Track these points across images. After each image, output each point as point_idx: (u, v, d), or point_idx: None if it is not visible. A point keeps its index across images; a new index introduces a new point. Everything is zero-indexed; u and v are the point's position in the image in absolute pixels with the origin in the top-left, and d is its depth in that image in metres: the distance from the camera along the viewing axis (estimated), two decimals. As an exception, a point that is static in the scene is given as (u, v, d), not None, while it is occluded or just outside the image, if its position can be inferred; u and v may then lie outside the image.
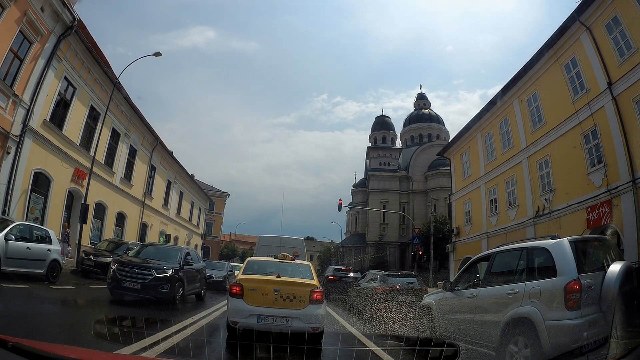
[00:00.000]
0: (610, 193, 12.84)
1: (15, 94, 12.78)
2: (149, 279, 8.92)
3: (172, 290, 9.22)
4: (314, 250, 67.91)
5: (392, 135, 59.32)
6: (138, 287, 8.83)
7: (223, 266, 19.18)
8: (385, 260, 47.45)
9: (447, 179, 30.18)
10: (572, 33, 14.90)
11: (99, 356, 2.20)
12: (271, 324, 5.53)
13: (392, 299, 10.70)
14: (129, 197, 23.08)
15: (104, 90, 18.40)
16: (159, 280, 8.99)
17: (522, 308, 4.64)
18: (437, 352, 4.09)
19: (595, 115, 13.68)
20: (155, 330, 5.36)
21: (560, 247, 4.67)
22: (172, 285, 9.23)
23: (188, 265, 10.35)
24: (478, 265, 6.43)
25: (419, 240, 27.43)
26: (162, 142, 27.07)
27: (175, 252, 10.61)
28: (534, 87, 17.82)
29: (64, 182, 16.23)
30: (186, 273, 10.09)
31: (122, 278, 8.89)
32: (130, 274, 8.95)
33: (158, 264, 9.45)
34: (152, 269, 9.12)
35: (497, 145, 21.22)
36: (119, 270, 9.04)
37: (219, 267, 18.49)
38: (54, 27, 14.09)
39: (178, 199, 33.25)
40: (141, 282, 8.84)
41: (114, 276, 9.01)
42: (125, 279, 8.89)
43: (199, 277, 11.60)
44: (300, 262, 7.21)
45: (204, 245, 46.24)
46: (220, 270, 17.73)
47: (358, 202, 60.16)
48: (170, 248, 11.97)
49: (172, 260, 9.96)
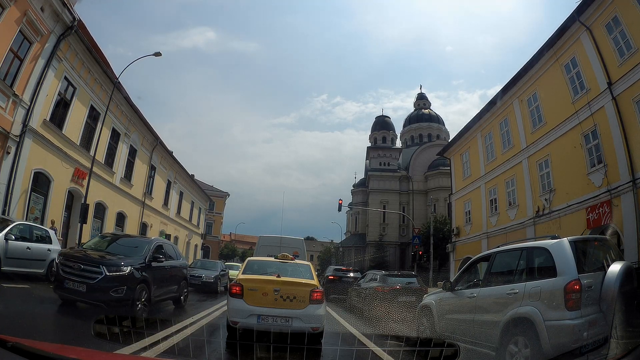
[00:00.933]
0: (610, 193, 12.84)
1: (15, 94, 12.78)
2: (97, 279, 6.70)
3: (130, 294, 6.96)
4: (314, 250, 67.90)
5: (392, 135, 59.33)
6: (83, 290, 6.66)
7: (215, 265, 17.47)
8: (385, 260, 47.45)
9: (447, 179, 30.18)
10: (572, 33, 14.90)
11: (99, 356, 2.20)
12: (271, 324, 5.53)
13: (392, 299, 10.70)
14: (129, 197, 23.06)
15: (104, 90, 18.39)
16: (110, 281, 6.76)
17: (522, 308, 4.64)
18: (437, 352, 4.08)
19: (595, 115, 13.68)
20: (155, 330, 5.36)
21: (560, 247, 4.67)
22: (130, 287, 7.00)
23: (157, 261, 8.12)
24: (478, 265, 6.43)
25: (419, 240, 27.43)
26: (162, 142, 27.06)
27: (143, 245, 8.37)
28: (534, 87, 17.82)
29: (64, 182, 16.22)
30: (155, 272, 7.98)
31: (65, 277, 6.82)
32: (74, 272, 6.80)
33: (113, 258, 7.30)
34: (102, 265, 6.88)
35: (497, 145, 21.22)
36: (62, 266, 6.98)
37: (209, 267, 16.87)
38: (54, 27, 14.08)
39: (178, 199, 33.23)
40: (87, 283, 6.67)
41: (57, 273, 7.07)
42: (69, 278, 6.78)
43: (178, 277, 9.49)
44: (300, 262, 7.21)
45: (204, 245, 46.22)
46: (211, 270, 16.09)
47: (358, 202, 60.17)
48: (137, 239, 9.49)
49: (135, 254, 7.80)
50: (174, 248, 10.48)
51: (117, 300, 6.78)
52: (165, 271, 8.70)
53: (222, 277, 16.33)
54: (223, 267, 18.04)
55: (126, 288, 6.92)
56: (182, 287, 9.85)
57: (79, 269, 6.80)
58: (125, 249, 8.07)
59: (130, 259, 7.48)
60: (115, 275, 6.88)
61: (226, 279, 16.98)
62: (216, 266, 17.20)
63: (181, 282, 9.76)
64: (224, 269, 17.81)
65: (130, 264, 7.28)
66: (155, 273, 7.99)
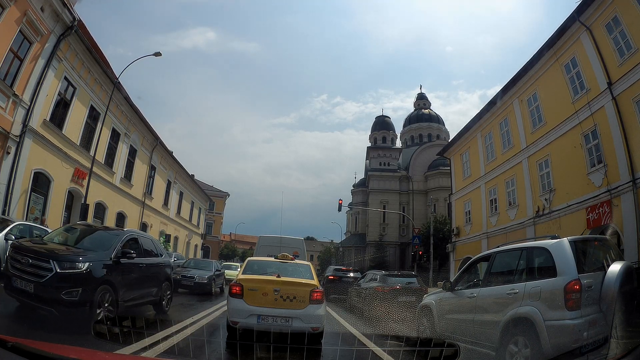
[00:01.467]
0: (610, 193, 12.84)
1: (15, 94, 12.78)
2: (45, 277, 5.41)
3: (87, 296, 5.58)
4: (314, 250, 67.90)
5: (392, 135, 59.32)
6: (30, 290, 5.41)
7: (209, 265, 15.87)
8: (385, 260, 47.43)
9: (447, 179, 30.18)
10: (572, 33, 14.90)
11: (99, 356, 2.20)
12: (271, 324, 5.53)
13: (392, 299, 10.69)
14: (129, 197, 23.07)
15: (104, 90, 18.39)
16: (62, 280, 5.44)
17: (522, 308, 4.64)
18: (437, 352, 4.08)
19: (595, 115, 13.68)
20: (155, 330, 5.36)
21: (560, 247, 4.67)
22: (88, 289, 5.63)
23: (128, 257, 6.62)
24: (478, 265, 6.43)
25: (419, 240, 27.43)
26: (162, 142, 27.07)
27: (111, 238, 6.92)
28: (534, 87, 17.82)
29: (64, 182, 16.22)
30: (125, 271, 6.63)
31: (13, 273, 5.61)
32: (23, 267, 5.58)
33: (69, 253, 5.98)
34: (54, 259, 5.55)
35: (497, 145, 21.22)
36: (12, 260, 5.78)
37: (203, 266, 15.33)
38: (54, 27, 14.08)
39: (178, 199, 33.24)
40: (34, 282, 5.42)
41: (6, 269, 5.89)
42: (17, 275, 5.56)
43: (158, 277, 8.02)
44: (300, 262, 7.21)
45: (204, 245, 46.22)
46: (205, 270, 14.62)
47: (358, 202, 60.16)
48: (108, 232, 7.74)
49: (101, 248, 6.43)
50: (154, 242, 8.83)
51: (70, 303, 5.39)
52: (140, 270, 7.27)
53: (217, 277, 15.15)
54: (218, 267, 16.85)
55: (81, 290, 5.52)
56: (165, 289, 8.31)
57: (27, 264, 5.55)
58: (92, 242, 6.72)
59: (94, 254, 6.12)
60: (68, 273, 5.52)
61: (222, 279, 16.36)
62: (210, 266, 15.66)
63: (163, 282, 8.22)
64: (219, 269, 16.66)
65: (91, 259, 5.90)
66: (125, 272, 6.64)
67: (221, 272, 16.65)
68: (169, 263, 9.05)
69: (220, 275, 16.26)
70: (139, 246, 7.53)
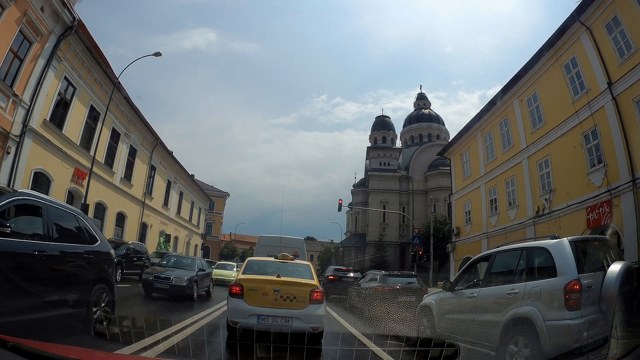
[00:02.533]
0: (610, 193, 12.84)
1: (15, 94, 12.78)
2: None
3: None
4: (314, 250, 67.89)
5: (392, 135, 59.33)
6: None
7: (191, 264, 13.04)
8: (385, 260, 47.43)
9: (447, 179, 30.18)
10: (572, 33, 14.90)
11: (99, 356, 2.20)
12: (271, 324, 5.53)
13: (392, 299, 10.69)
14: (129, 197, 23.07)
15: (104, 90, 18.40)
16: None
17: (522, 308, 4.63)
18: (437, 352, 4.09)
19: (595, 115, 13.68)
20: (155, 330, 5.36)
21: (560, 247, 4.67)
22: None
23: None
24: (478, 265, 6.43)
25: (419, 240, 27.43)
26: (162, 142, 27.08)
27: None
28: (534, 87, 17.82)
29: (64, 182, 16.22)
30: None
31: None
32: None
33: None
34: None
35: (497, 145, 21.22)
36: None
37: (185, 265, 12.77)
38: (54, 27, 14.08)
39: (178, 199, 33.24)
40: None
41: None
42: None
43: (81, 275, 5.14)
44: (300, 262, 7.20)
45: (204, 245, 46.21)
46: (185, 270, 12.11)
47: (358, 202, 60.16)
48: None
49: None
50: (79, 219, 5.55)
51: None
52: (38, 261, 4.27)
53: (201, 279, 12.49)
54: (203, 266, 13.95)
55: None
56: (96, 294, 5.27)
57: None
58: None
59: None
60: None
61: (208, 281, 13.88)
62: (193, 265, 12.92)
63: (94, 284, 5.27)
64: (204, 268, 13.78)
65: None
66: None
67: (207, 272, 13.89)
68: (107, 252, 5.90)
69: (206, 276, 13.58)
70: (43, 218, 4.63)
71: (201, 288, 12.78)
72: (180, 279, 11.31)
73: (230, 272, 20.52)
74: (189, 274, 11.79)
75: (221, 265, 23.38)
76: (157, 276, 11.26)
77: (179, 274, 11.63)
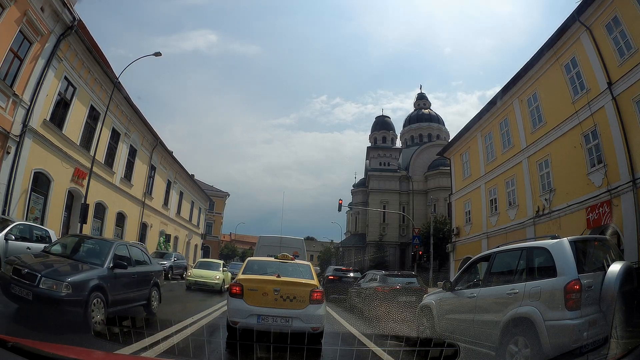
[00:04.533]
0: (610, 193, 12.84)
1: (15, 93, 12.78)
2: None
3: None
4: (314, 250, 67.88)
5: (392, 135, 59.33)
6: None
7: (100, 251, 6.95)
8: (385, 260, 47.43)
9: (447, 179, 30.18)
10: (572, 33, 14.90)
11: (99, 356, 2.20)
12: (271, 324, 5.53)
13: (392, 299, 10.69)
14: (129, 197, 23.08)
15: (104, 90, 18.40)
16: None
17: (522, 308, 4.64)
18: (437, 352, 4.09)
19: (595, 115, 13.68)
20: (155, 330, 5.36)
21: (560, 247, 4.67)
22: None
23: None
24: (478, 265, 6.43)
25: (419, 240, 27.42)
26: (162, 142, 27.08)
27: None
28: (534, 87, 17.82)
29: (64, 182, 16.22)
30: None
31: None
32: None
33: None
34: None
35: (497, 145, 21.22)
36: None
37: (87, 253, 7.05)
38: (54, 27, 14.08)
39: (178, 199, 33.24)
40: None
41: None
42: None
43: None
44: (300, 262, 7.20)
45: (204, 245, 46.21)
46: (79, 263, 6.49)
47: (358, 202, 60.15)
48: None
49: None
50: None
51: None
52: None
53: (124, 284, 6.91)
54: (136, 256, 7.93)
55: None
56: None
57: None
58: None
59: None
60: None
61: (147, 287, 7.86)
62: (102, 252, 6.89)
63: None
64: (142, 260, 8.19)
65: None
66: None
67: (148, 270, 8.11)
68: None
69: (144, 280, 7.78)
70: None
71: (126, 300, 7.03)
72: (57, 281, 5.54)
73: (215, 274, 15.72)
74: (84, 273, 6.06)
75: (203, 264, 17.15)
76: (19, 272, 5.68)
77: (61, 270, 5.95)
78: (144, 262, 8.23)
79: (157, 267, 8.92)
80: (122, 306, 6.70)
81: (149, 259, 8.73)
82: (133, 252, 7.83)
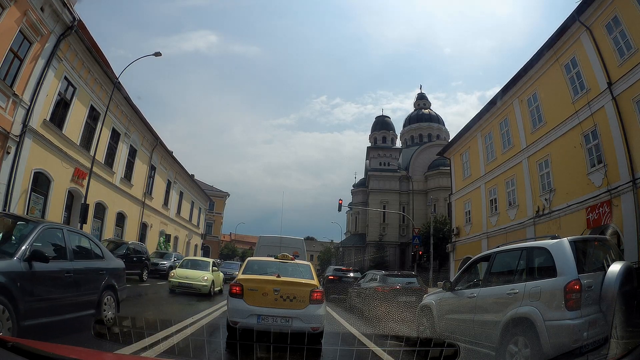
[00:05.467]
0: (610, 193, 12.84)
1: (15, 93, 12.77)
2: None
3: None
4: (314, 250, 67.86)
5: (392, 135, 59.34)
6: None
7: None
8: (385, 260, 47.45)
9: (447, 179, 30.18)
10: (572, 33, 14.90)
11: (99, 356, 2.20)
12: (271, 324, 5.53)
13: (392, 299, 10.69)
14: (129, 197, 23.07)
15: (104, 90, 18.40)
16: None
17: (522, 308, 4.64)
18: (437, 352, 4.09)
19: (595, 115, 13.68)
20: (155, 330, 5.36)
21: (560, 247, 4.67)
22: None
23: None
24: (478, 265, 6.43)
25: (419, 240, 27.42)
26: (162, 142, 27.08)
27: None
28: (534, 87, 17.81)
29: (64, 182, 16.22)
30: None
31: None
32: None
33: None
34: None
35: (497, 145, 21.22)
36: None
37: None
38: (54, 27, 14.07)
39: (178, 199, 33.24)
40: None
41: None
42: None
43: None
44: (300, 262, 7.20)
45: (204, 245, 46.20)
46: None
47: (358, 202, 60.16)
48: None
49: None
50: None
51: None
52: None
53: None
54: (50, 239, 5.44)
55: None
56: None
57: None
58: None
59: None
60: None
61: None
62: None
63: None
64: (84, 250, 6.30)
65: None
66: None
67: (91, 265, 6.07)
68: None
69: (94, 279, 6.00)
70: None
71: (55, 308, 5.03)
72: None
73: (202, 274, 13.61)
74: None
75: (191, 262, 15.12)
76: None
77: None
78: (91, 255, 6.07)
79: (114, 263, 6.61)
80: (47, 317, 4.63)
81: (103, 252, 6.46)
82: (74, 240, 5.72)
